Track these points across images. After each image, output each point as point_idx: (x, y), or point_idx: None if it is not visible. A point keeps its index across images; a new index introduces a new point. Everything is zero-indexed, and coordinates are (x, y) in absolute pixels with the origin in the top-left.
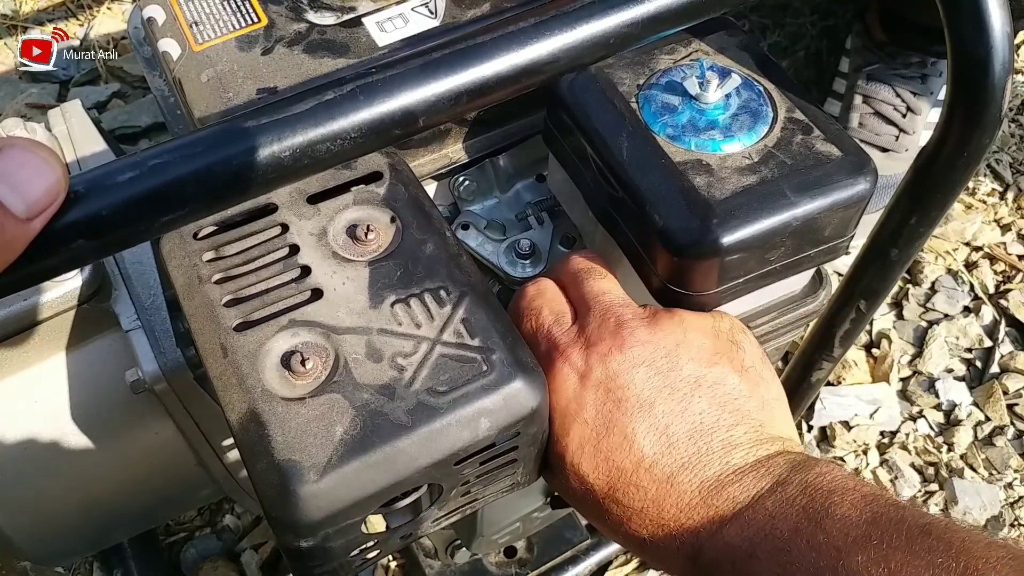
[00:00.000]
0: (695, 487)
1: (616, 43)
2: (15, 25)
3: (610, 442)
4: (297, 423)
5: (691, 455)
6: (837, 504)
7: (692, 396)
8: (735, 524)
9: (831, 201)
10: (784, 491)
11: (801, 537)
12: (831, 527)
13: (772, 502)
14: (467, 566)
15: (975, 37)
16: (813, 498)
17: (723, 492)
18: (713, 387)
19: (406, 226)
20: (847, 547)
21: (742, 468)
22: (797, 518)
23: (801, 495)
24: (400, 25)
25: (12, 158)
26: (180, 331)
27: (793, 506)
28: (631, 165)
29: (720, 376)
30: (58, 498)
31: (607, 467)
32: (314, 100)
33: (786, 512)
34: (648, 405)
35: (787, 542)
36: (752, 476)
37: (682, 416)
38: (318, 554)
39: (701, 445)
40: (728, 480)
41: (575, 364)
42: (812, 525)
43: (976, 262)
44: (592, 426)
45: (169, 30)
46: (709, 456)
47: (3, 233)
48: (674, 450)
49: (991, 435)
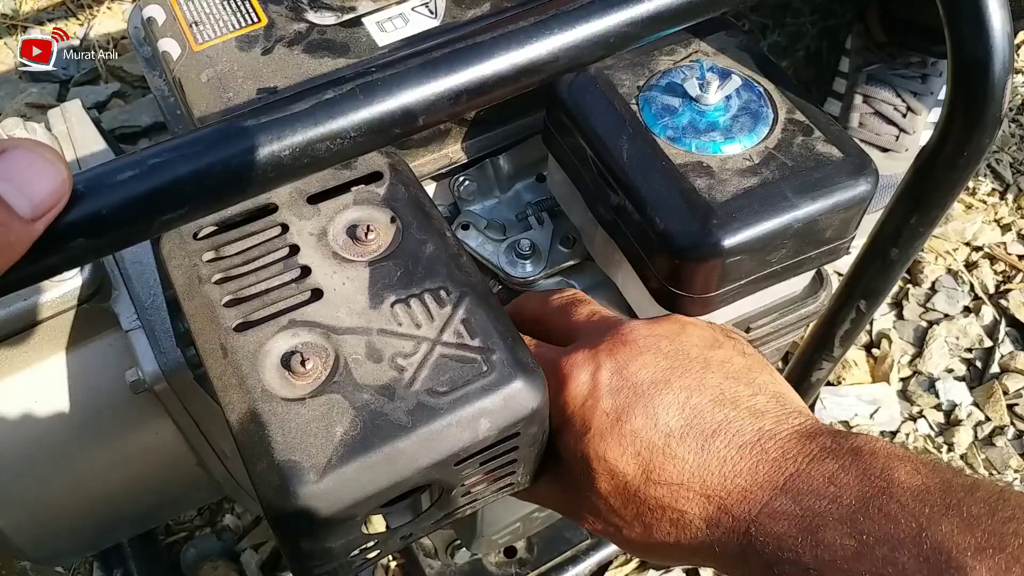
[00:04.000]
0: (734, 452)
1: (616, 43)
2: (15, 25)
3: (634, 424)
4: (297, 423)
5: (720, 421)
6: (899, 469)
7: (705, 372)
8: (790, 492)
9: (832, 203)
10: (836, 458)
11: (872, 505)
12: (902, 495)
13: (827, 468)
14: (467, 566)
15: (975, 37)
16: (871, 464)
17: (766, 457)
18: (723, 364)
19: (406, 226)
20: (926, 515)
21: (777, 434)
22: (861, 485)
23: (856, 462)
24: (400, 25)
25: (18, 158)
26: (180, 331)
27: (851, 472)
28: (631, 167)
29: (726, 356)
30: (58, 498)
31: (636, 448)
32: (314, 99)
33: (846, 479)
34: (664, 383)
35: (857, 510)
36: (793, 441)
37: (700, 389)
38: (318, 554)
39: (729, 412)
40: (768, 446)
41: (583, 365)
42: (880, 493)
43: (976, 262)
44: (612, 414)
45: (169, 30)
46: (739, 422)
47: (8, 233)
48: (701, 419)
49: (991, 435)
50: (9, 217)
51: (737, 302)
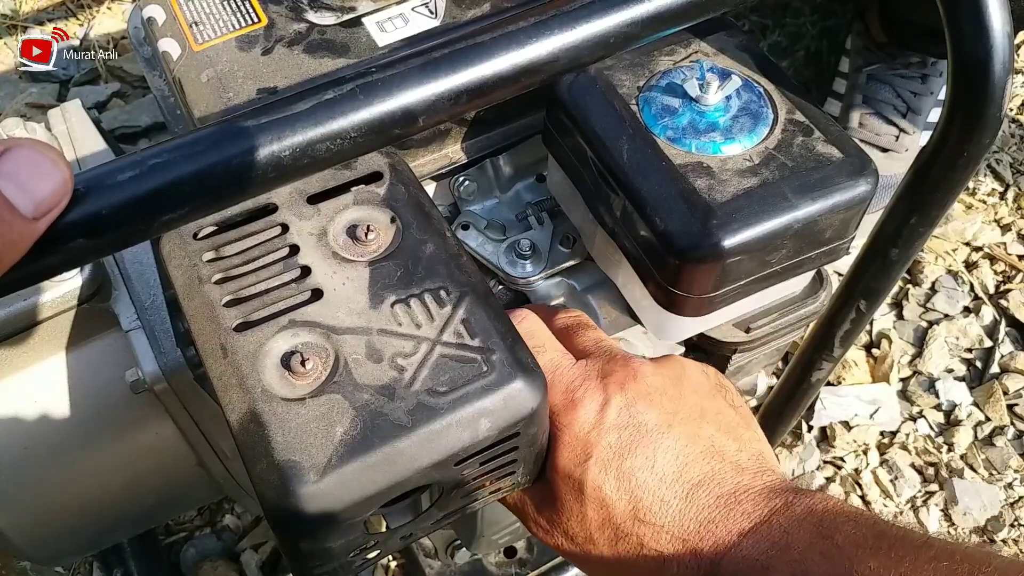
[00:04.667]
0: (712, 502)
1: (616, 43)
2: (15, 25)
3: (634, 462)
4: (297, 423)
5: (706, 473)
6: (844, 523)
7: (701, 422)
8: (751, 538)
9: (832, 203)
10: (793, 511)
11: (814, 550)
12: (841, 540)
13: (784, 519)
14: (467, 566)
15: (975, 37)
16: (822, 518)
17: (739, 508)
18: (716, 416)
19: (406, 226)
20: (858, 556)
21: (752, 489)
22: (809, 533)
23: (809, 515)
24: (400, 25)
25: (21, 158)
26: (180, 331)
27: (804, 523)
28: (631, 168)
29: (720, 407)
30: (58, 498)
31: (631, 485)
32: (314, 99)
33: (798, 528)
34: (666, 427)
35: (802, 554)
36: (764, 496)
37: (695, 439)
38: (318, 554)
39: (715, 465)
40: (743, 498)
41: (594, 394)
42: (823, 539)
43: (976, 262)
44: (615, 449)
45: (169, 30)
46: (722, 475)
47: (10, 232)
48: (691, 468)
49: (991, 435)
50: (12, 216)
51: (737, 302)
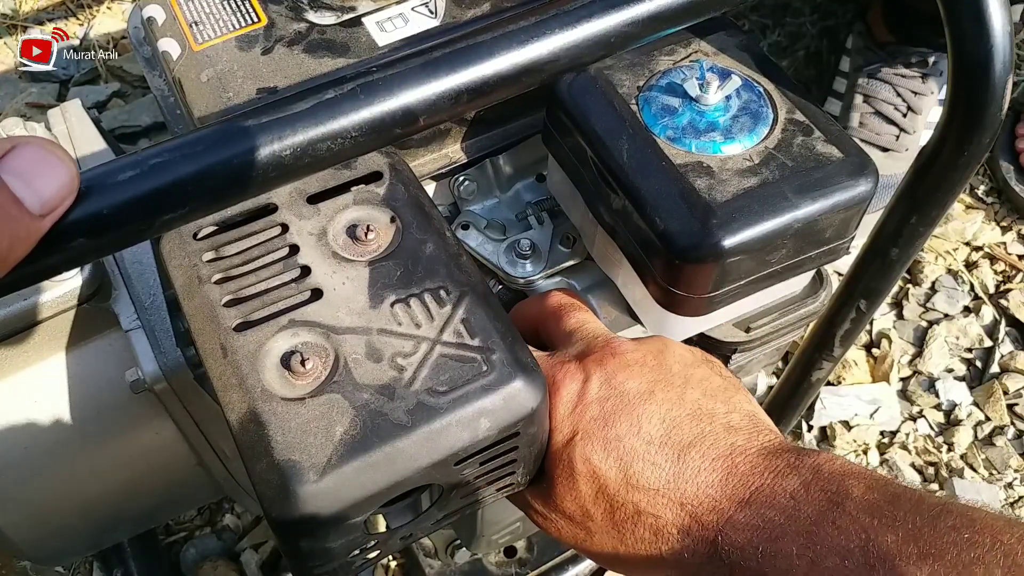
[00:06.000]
0: (707, 464)
1: (616, 42)
2: (15, 25)
3: (618, 429)
4: (297, 423)
5: (696, 434)
6: (854, 486)
7: (685, 387)
8: (755, 505)
9: (832, 203)
10: (798, 475)
11: (826, 519)
12: (854, 509)
13: (789, 484)
14: (467, 566)
15: (976, 37)
16: (829, 480)
17: (736, 471)
18: (701, 382)
19: (406, 226)
20: (874, 528)
21: (748, 450)
22: (818, 499)
23: (816, 478)
24: (400, 25)
25: (28, 155)
26: (180, 331)
27: (811, 489)
28: (631, 167)
29: (705, 375)
30: (58, 498)
31: (619, 452)
32: (314, 99)
33: (806, 495)
34: (648, 394)
35: (813, 524)
36: (760, 457)
37: (680, 402)
38: (318, 554)
39: (704, 426)
40: (738, 461)
41: (574, 374)
42: (835, 507)
43: (976, 262)
44: (599, 419)
45: (169, 30)
46: (713, 436)
47: (18, 229)
48: (680, 430)
49: (991, 435)
50: (20, 212)
51: (737, 302)
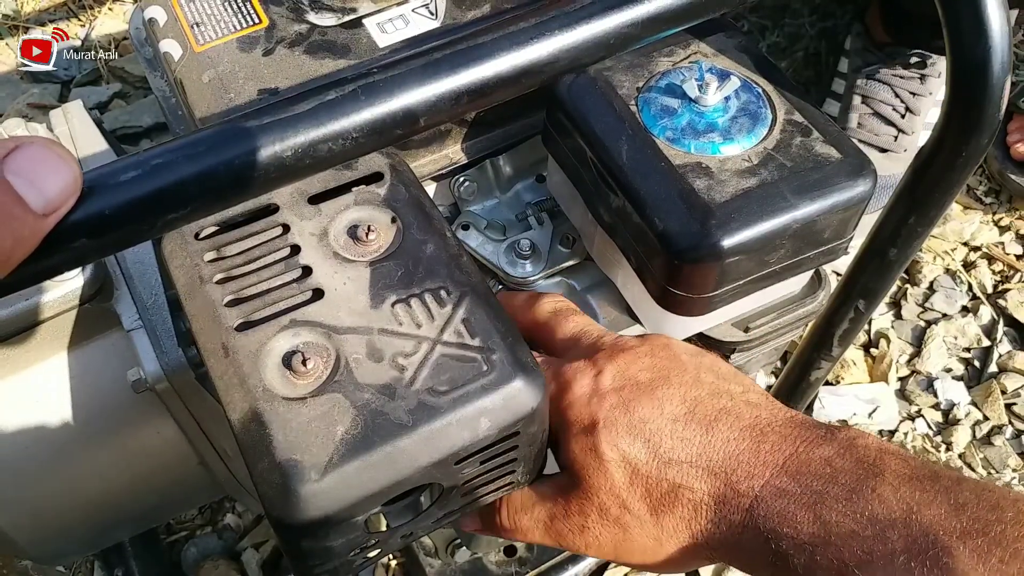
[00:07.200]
0: (736, 433)
1: (616, 43)
2: (17, 25)
3: (641, 412)
4: (298, 423)
5: (719, 410)
6: (890, 460)
7: (698, 372)
8: (790, 471)
9: (831, 203)
10: (831, 445)
11: (866, 487)
12: (895, 481)
13: (824, 452)
14: (467, 565)
15: (974, 38)
16: (864, 453)
17: (765, 439)
18: (711, 368)
19: (407, 227)
20: (916, 501)
21: (775, 421)
22: (855, 470)
23: (849, 450)
24: (401, 26)
25: (32, 155)
26: (181, 331)
27: (847, 459)
28: (630, 168)
29: (714, 362)
30: (59, 497)
31: (645, 434)
32: (316, 100)
33: (842, 463)
34: (664, 380)
35: (853, 492)
36: (789, 428)
37: (697, 384)
38: (319, 553)
39: (725, 402)
40: (767, 430)
41: (584, 370)
42: (874, 477)
43: (974, 262)
44: (619, 406)
45: (170, 31)
46: (737, 411)
47: (22, 228)
48: (703, 407)
49: (989, 434)
50: (24, 212)
51: (736, 302)
